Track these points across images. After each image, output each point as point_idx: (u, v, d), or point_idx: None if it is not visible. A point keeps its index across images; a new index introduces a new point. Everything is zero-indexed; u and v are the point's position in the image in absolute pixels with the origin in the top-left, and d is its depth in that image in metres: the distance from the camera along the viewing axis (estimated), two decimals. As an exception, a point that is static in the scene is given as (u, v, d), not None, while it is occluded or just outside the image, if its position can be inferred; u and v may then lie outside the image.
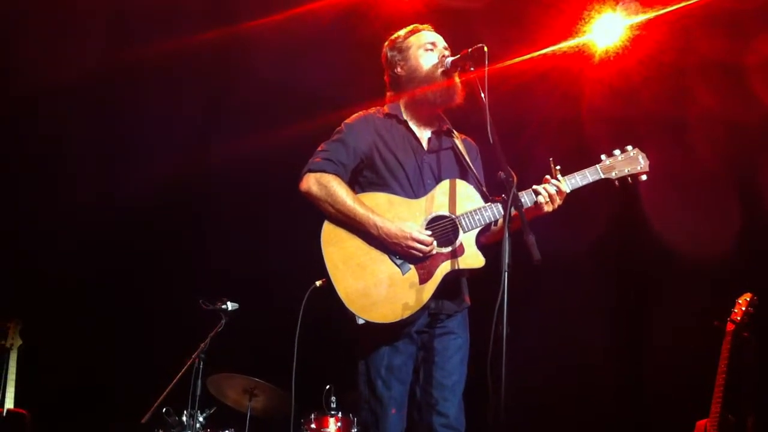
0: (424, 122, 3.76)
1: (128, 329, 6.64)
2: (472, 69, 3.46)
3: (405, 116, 3.75)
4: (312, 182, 3.57)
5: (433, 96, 3.68)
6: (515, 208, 3.20)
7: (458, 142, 3.76)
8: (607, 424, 6.29)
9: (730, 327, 5.01)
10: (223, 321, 5.45)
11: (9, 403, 5.81)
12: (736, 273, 5.67)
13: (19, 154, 6.50)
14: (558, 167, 3.50)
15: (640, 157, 3.61)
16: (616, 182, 3.59)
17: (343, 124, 3.76)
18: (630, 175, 3.59)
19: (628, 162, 3.59)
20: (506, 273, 3.00)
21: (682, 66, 6.00)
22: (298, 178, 3.64)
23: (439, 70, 3.65)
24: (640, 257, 6.42)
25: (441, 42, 3.77)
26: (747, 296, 5.09)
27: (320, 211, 3.55)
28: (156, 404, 5.15)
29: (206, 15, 6.22)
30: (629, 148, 3.63)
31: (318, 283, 3.68)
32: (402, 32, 3.84)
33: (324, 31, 6.27)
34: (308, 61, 6.48)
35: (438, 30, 3.90)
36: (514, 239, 3.11)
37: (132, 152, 6.69)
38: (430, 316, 3.55)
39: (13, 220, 6.49)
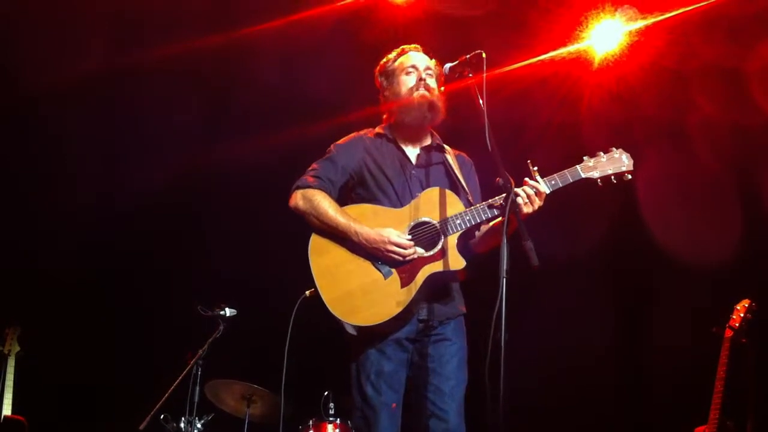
0: (412, 140, 3.88)
1: (126, 335, 6.64)
2: (470, 75, 3.48)
3: (394, 135, 3.87)
4: (299, 198, 3.73)
5: (410, 119, 3.80)
6: (513, 214, 3.22)
7: (450, 158, 3.85)
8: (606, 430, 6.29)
9: (728, 333, 5.00)
10: (222, 327, 5.45)
11: (6, 410, 5.81)
12: (735, 279, 5.67)
13: (20, 155, 6.52)
14: (535, 168, 3.52)
15: (624, 157, 3.60)
16: (599, 182, 3.58)
17: (332, 145, 3.90)
18: (614, 175, 3.57)
19: (611, 162, 3.58)
20: (504, 279, 3.01)
21: (683, 71, 5.99)
22: (288, 195, 3.79)
23: (415, 94, 3.78)
24: (638, 262, 6.41)
25: (423, 64, 3.87)
26: (745, 302, 5.08)
27: (308, 225, 3.68)
28: (154, 411, 5.14)
29: (207, 20, 6.23)
30: (613, 149, 3.63)
31: (307, 293, 3.76)
32: (391, 55, 3.98)
33: (324, 37, 6.29)
34: (309, 66, 6.50)
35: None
36: (511, 244, 3.12)
37: (132, 156, 6.70)
38: (420, 323, 3.60)
39: (13, 222, 6.49)
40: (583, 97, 6.27)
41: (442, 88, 3.87)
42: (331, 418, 5.52)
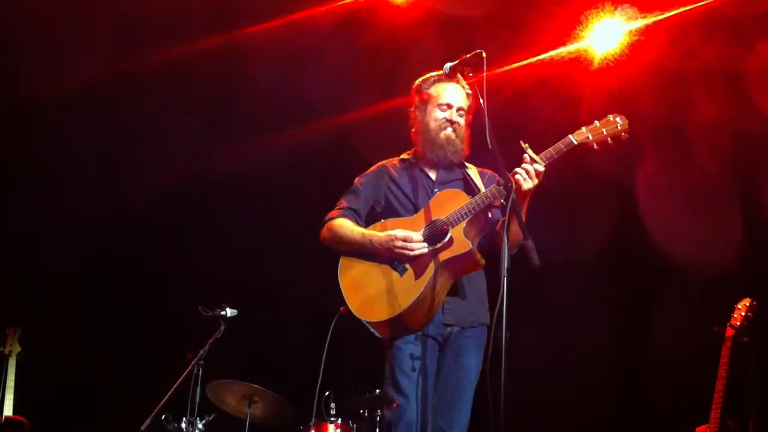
0: (435, 166, 3.97)
1: (127, 336, 6.64)
2: (470, 74, 3.55)
3: (418, 160, 4.00)
4: (325, 231, 3.93)
5: (431, 155, 3.90)
6: (514, 213, 3.25)
7: (471, 172, 3.93)
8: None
9: (729, 332, 4.99)
10: (223, 327, 5.44)
11: (8, 410, 5.81)
12: (736, 278, 5.67)
13: (21, 156, 6.52)
14: (527, 144, 3.55)
15: (618, 119, 3.58)
16: (595, 145, 3.56)
17: (357, 178, 4.06)
18: (610, 136, 3.56)
19: (605, 125, 3.58)
20: (505, 277, 3.05)
21: (683, 72, 5.99)
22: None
23: (442, 134, 3.85)
24: (639, 262, 6.40)
25: (457, 102, 3.87)
26: (746, 301, 5.07)
27: (339, 253, 3.84)
28: (155, 411, 5.13)
29: (205, 23, 6.24)
30: (608, 115, 3.61)
31: (341, 309, 3.93)
32: (432, 75, 3.95)
33: (323, 38, 6.30)
34: (308, 68, 6.51)
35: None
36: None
37: (133, 158, 6.71)
38: (447, 326, 3.71)
39: (13, 222, 6.50)
40: (583, 97, 6.26)
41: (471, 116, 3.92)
42: (332, 419, 5.53)
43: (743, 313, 5.01)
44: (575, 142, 3.56)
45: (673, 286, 6.14)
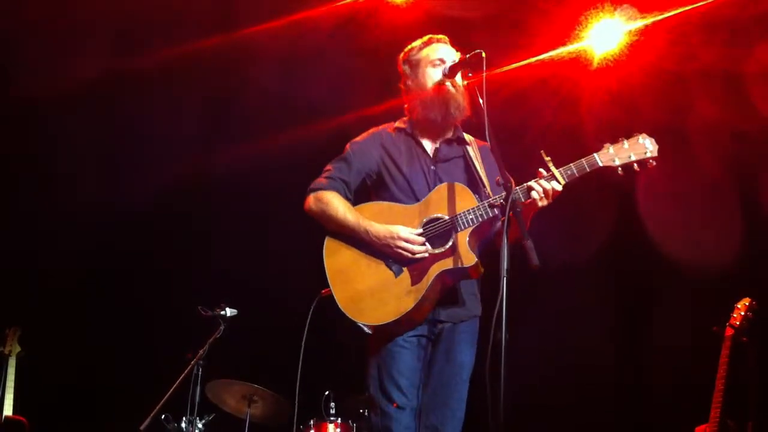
0: (433, 135, 3.78)
1: (126, 336, 6.64)
2: (470, 75, 3.48)
3: (414, 128, 3.79)
4: (311, 201, 3.69)
5: (433, 114, 3.69)
6: (513, 214, 3.17)
7: (471, 150, 3.73)
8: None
9: (729, 332, 5.00)
10: (222, 327, 5.45)
11: (7, 410, 5.82)
12: (736, 278, 5.67)
13: (21, 156, 6.53)
14: (549, 158, 3.38)
15: (647, 142, 3.36)
16: (620, 170, 3.37)
17: (348, 143, 3.82)
18: (636, 162, 3.36)
19: (633, 148, 3.37)
20: (505, 278, 2.99)
21: (682, 73, 5.99)
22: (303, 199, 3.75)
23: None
24: (639, 262, 6.41)
25: (450, 57, 3.70)
26: (746, 301, 5.08)
27: (322, 227, 3.64)
28: (155, 411, 5.13)
29: (206, 24, 6.25)
30: (637, 134, 3.40)
31: (323, 292, 3.75)
32: (417, 43, 3.83)
33: (323, 39, 6.30)
34: (308, 68, 6.51)
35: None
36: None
37: (133, 158, 6.71)
38: (439, 323, 3.56)
39: (13, 222, 6.50)
40: (583, 98, 6.27)
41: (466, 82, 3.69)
42: (332, 418, 5.52)
43: (743, 313, 5.02)
44: (600, 163, 3.37)
45: (673, 286, 6.15)
